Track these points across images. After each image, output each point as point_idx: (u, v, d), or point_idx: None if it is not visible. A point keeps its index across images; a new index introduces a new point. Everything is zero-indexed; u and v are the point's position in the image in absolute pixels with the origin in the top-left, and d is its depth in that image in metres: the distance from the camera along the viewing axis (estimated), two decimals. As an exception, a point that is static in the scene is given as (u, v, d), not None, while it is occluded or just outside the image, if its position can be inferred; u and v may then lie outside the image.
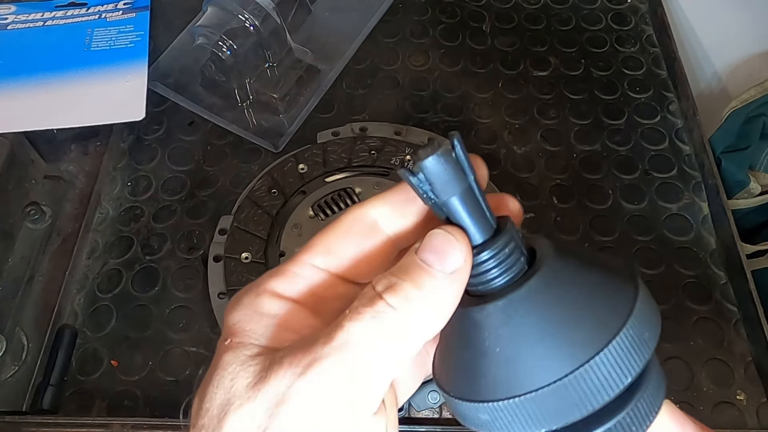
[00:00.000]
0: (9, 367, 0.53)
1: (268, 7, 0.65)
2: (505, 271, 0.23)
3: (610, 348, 0.21)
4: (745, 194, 0.75)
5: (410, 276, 0.22)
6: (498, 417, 0.22)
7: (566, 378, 0.21)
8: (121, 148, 0.68)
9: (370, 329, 0.21)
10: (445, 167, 0.22)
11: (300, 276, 0.24)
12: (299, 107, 0.69)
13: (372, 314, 0.21)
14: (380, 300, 0.21)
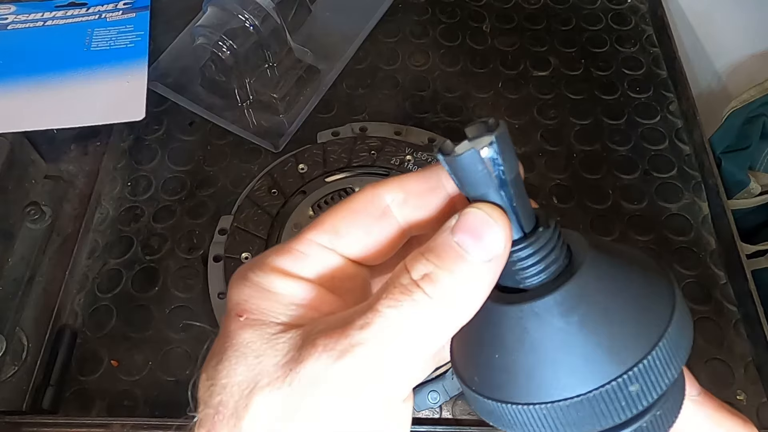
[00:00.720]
0: (9, 367, 0.53)
1: (268, 7, 0.65)
2: (547, 268, 0.22)
3: (653, 354, 0.20)
4: (745, 194, 0.75)
5: (446, 264, 0.21)
6: (541, 418, 0.21)
7: (610, 384, 0.20)
8: (121, 148, 0.68)
9: (407, 317, 0.21)
10: (509, 142, 0.20)
11: (306, 255, 0.24)
12: (299, 107, 0.69)
13: (410, 303, 0.21)
14: (417, 288, 0.21)
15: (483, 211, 0.21)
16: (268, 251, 0.25)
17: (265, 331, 0.22)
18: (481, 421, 0.52)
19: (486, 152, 0.20)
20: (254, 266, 0.24)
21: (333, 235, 0.24)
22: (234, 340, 0.22)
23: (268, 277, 0.24)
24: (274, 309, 0.23)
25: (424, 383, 0.51)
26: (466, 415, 0.53)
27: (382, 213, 0.24)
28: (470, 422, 0.52)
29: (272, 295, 0.23)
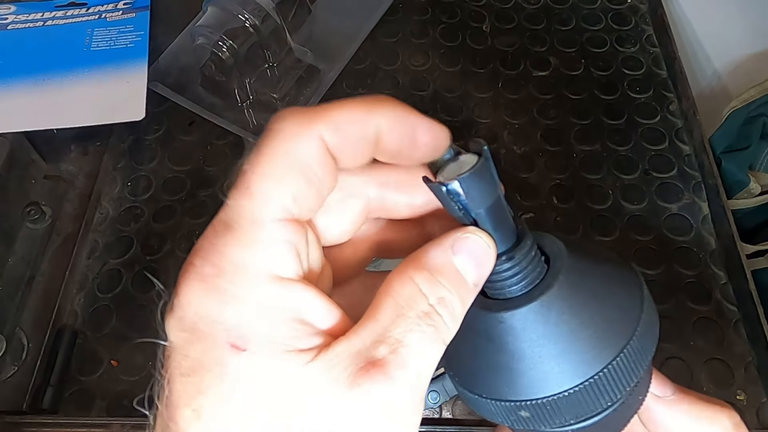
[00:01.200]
0: (9, 367, 0.53)
1: (268, 7, 0.65)
2: (529, 276, 0.23)
3: (628, 347, 0.23)
4: (745, 194, 0.75)
5: (454, 288, 0.21)
6: (538, 413, 0.23)
7: (596, 376, 0.22)
8: (121, 148, 0.68)
9: (433, 349, 0.21)
10: (482, 178, 0.22)
11: (286, 243, 0.20)
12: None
13: (435, 333, 0.21)
14: (438, 317, 0.21)
15: (482, 239, 0.22)
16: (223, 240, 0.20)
17: (282, 365, 0.19)
18: (481, 421, 0.52)
19: (452, 188, 0.21)
20: (224, 270, 0.20)
21: (292, 204, 0.20)
22: (239, 378, 0.19)
23: (263, 289, 0.20)
24: (286, 334, 0.20)
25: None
26: (466, 415, 0.53)
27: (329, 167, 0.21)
28: (470, 422, 0.52)
29: (277, 315, 0.20)
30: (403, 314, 0.20)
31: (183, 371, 0.19)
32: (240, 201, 0.20)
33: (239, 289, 0.19)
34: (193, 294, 0.20)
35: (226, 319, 0.19)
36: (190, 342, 0.19)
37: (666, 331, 0.56)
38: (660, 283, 0.59)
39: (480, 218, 0.22)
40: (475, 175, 0.21)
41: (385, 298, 0.21)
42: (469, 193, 0.21)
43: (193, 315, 0.20)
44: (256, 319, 0.19)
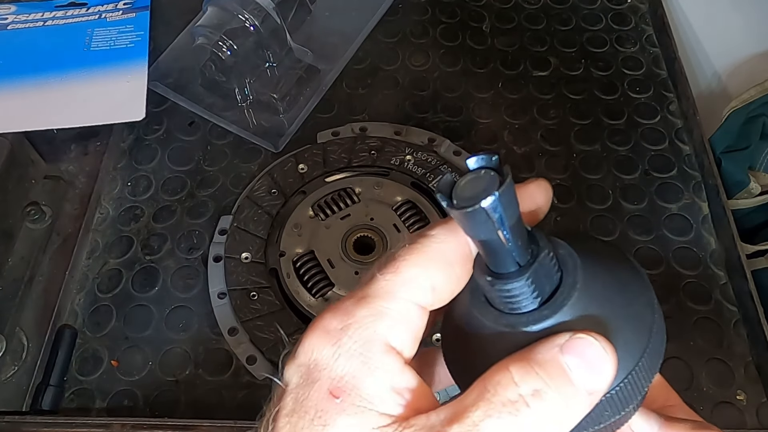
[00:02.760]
0: (9, 367, 0.53)
1: (268, 7, 0.65)
2: (539, 296, 0.23)
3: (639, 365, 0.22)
4: (745, 194, 0.75)
5: (556, 383, 0.20)
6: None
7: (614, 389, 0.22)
8: (121, 148, 0.68)
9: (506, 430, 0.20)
10: (509, 202, 0.21)
11: (407, 322, 0.22)
12: (299, 107, 0.69)
13: (515, 422, 0.20)
14: (524, 405, 0.20)
15: (599, 343, 0.21)
16: (361, 303, 0.22)
17: (366, 422, 0.20)
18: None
19: (490, 206, 0.20)
20: (350, 326, 0.21)
21: (430, 292, 0.22)
22: (328, 424, 0.20)
23: (375, 348, 0.21)
24: (380, 396, 0.21)
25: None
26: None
27: (465, 270, 0.23)
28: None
29: (380, 376, 0.21)
30: (487, 399, 0.20)
31: (288, 411, 0.21)
32: (389, 276, 0.22)
33: (356, 346, 0.21)
34: (315, 343, 0.22)
35: (335, 368, 0.21)
36: (301, 386, 0.21)
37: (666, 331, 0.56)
38: (660, 283, 0.59)
39: (511, 233, 0.21)
40: (508, 186, 0.21)
41: (477, 382, 0.21)
42: (506, 208, 0.21)
43: (311, 363, 0.21)
44: (360, 375, 0.21)
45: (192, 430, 0.50)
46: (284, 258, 0.58)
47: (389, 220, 0.58)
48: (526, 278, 0.22)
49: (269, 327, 0.54)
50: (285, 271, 0.57)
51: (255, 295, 0.56)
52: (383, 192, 0.60)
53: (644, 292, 0.24)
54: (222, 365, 0.55)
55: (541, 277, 0.22)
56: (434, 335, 0.27)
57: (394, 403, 0.21)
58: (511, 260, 0.22)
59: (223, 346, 0.56)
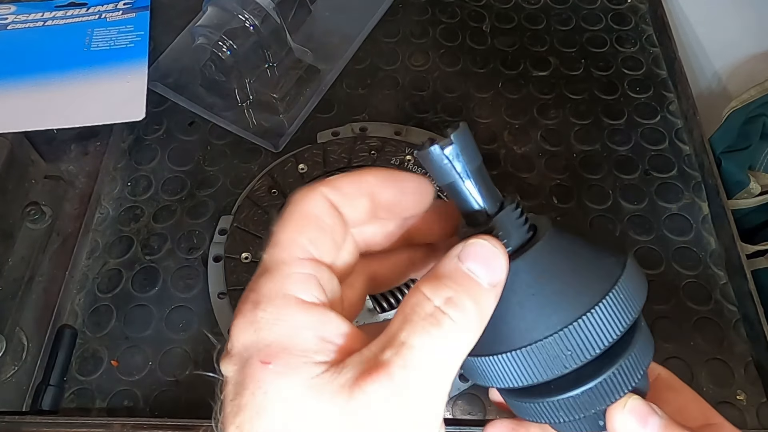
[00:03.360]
0: (9, 367, 0.53)
1: (268, 7, 0.65)
2: (513, 237, 0.25)
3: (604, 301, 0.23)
4: (745, 194, 0.75)
5: (464, 288, 0.23)
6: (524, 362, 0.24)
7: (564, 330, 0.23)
8: (121, 148, 0.68)
9: (440, 348, 0.21)
10: (469, 140, 0.24)
11: (308, 275, 0.23)
12: (299, 107, 0.69)
13: (439, 332, 0.22)
14: (443, 315, 0.22)
15: (489, 243, 0.23)
16: (259, 281, 0.23)
17: (302, 375, 0.21)
18: (480, 420, 0.52)
19: (441, 147, 0.24)
20: (260, 302, 0.23)
21: (313, 248, 0.24)
22: (268, 390, 0.21)
23: (288, 311, 0.22)
24: (309, 348, 0.22)
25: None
26: (466, 415, 0.53)
27: (337, 218, 0.25)
28: (470, 422, 0.52)
29: (303, 332, 0.22)
30: (409, 319, 0.22)
31: (231, 397, 0.22)
32: (271, 251, 0.24)
33: (270, 315, 0.22)
34: (238, 330, 0.23)
35: (259, 340, 0.22)
36: (237, 372, 0.22)
37: (666, 331, 0.56)
38: (660, 283, 0.59)
39: (472, 177, 0.24)
40: (463, 132, 0.24)
41: (397, 311, 0.23)
42: (462, 151, 0.24)
43: (240, 347, 0.22)
44: (283, 336, 0.22)
45: (192, 430, 0.50)
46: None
47: (389, 220, 0.58)
48: (490, 225, 0.25)
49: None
50: (285, 271, 0.57)
51: (255, 295, 0.56)
52: (383, 192, 0.60)
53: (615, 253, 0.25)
54: (222, 365, 0.55)
55: (507, 227, 0.25)
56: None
57: (325, 350, 0.22)
58: (477, 208, 0.25)
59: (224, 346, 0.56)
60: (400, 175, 0.26)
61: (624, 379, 0.25)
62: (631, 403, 0.25)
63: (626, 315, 0.24)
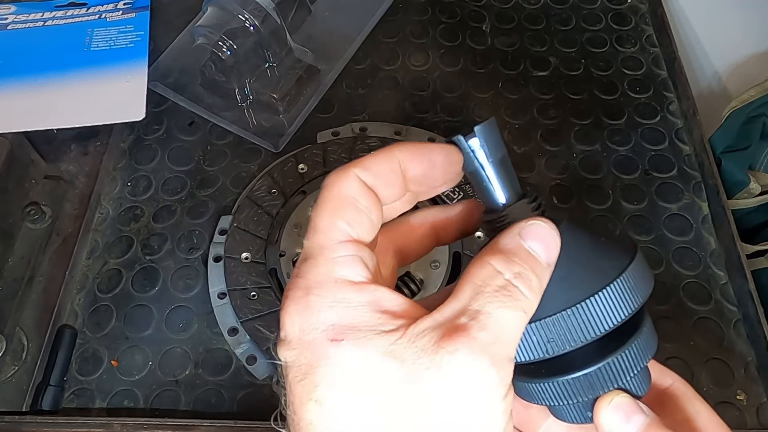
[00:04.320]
0: (9, 367, 0.53)
1: (268, 7, 0.65)
2: None
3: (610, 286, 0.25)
4: (745, 194, 0.75)
5: (531, 265, 0.25)
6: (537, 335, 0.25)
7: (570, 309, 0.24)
8: (121, 148, 0.68)
9: (513, 315, 0.23)
10: (494, 131, 0.26)
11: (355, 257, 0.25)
12: (299, 107, 0.69)
13: (512, 302, 0.24)
14: (514, 288, 0.24)
15: (547, 225, 0.25)
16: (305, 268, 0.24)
17: (377, 344, 0.22)
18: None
19: (467, 138, 0.26)
20: (311, 288, 0.24)
21: (351, 230, 0.25)
22: (345, 363, 0.22)
23: (342, 293, 0.24)
24: (374, 321, 0.23)
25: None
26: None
27: (372, 198, 0.26)
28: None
29: (362, 309, 0.23)
30: (482, 291, 0.24)
31: (299, 377, 0.23)
32: (312, 237, 0.25)
33: (325, 298, 0.23)
34: (292, 317, 0.24)
35: (321, 323, 0.23)
36: (300, 354, 0.23)
37: (666, 331, 0.56)
38: (660, 283, 0.59)
39: (494, 167, 0.26)
40: (488, 125, 0.26)
41: (465, 282, 0.24)
42: (485, 142, 0.26)
43: (298, 332, 0.23)
44: (346, 315, 0.23)
45: (192, 430, 0.50)
46: (284, 258, 0.58)
47: (389, 220, 0.58)
48: (504, 213, 0.26)
49: (269, 327, 0.54)
50: (285, 271, 0.57)
51: (255, 295, 0.56)
52: (383, 192, 0.60)
53: (625, 246, 0.27)
54: (222, 365, 0.55)
55: (520, 217, 0.26)
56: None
57: (390, 322, 0.23)
58: (495, 197, 0.27)
59: (223, 346, 0.56)
60: (428, 148, 0.27)
61: (619, 371, 0.25)
62: (618, 399, 0.26)
63: (631, 301, 0.25)
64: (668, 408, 0.29)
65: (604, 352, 0.25)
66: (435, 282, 0.54)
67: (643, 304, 0.26)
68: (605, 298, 0.25)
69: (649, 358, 0.27)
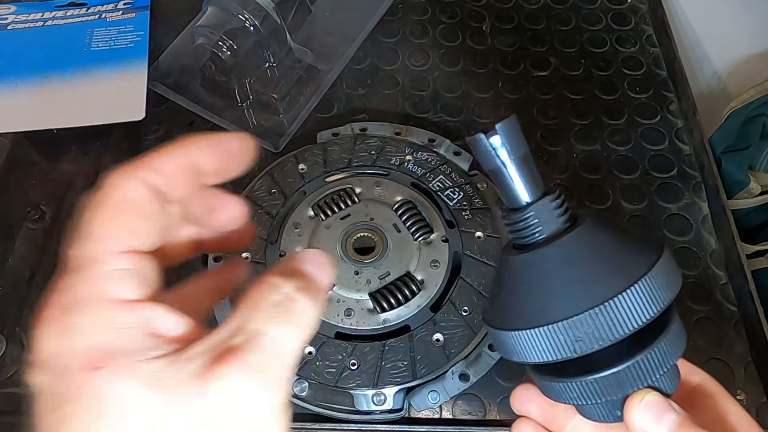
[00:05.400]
0: (9, 367, 0.53)
1: (268, 7, 0.65)
2: (551, 225, 0.27)
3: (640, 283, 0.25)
4: (745, 194, 0.75)
5: (308, 283, 0.24)
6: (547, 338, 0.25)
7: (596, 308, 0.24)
8: (121, 148, 0.68)
9: (292, 335, 0.23)
10: (515, 129, 0.27)
11: (129, 271, 0.23)
12: (299, 107, 0.69)
13: (290, 319, 0.23)
14: (292, 303, 0.23)
15: (320, 252, 0.26)
16: (69, 282, 0.22)
17: (142, 372, 0.20)
18: (480, 420, 0.52)
19: (488, 135, 0.26)
20: (72, 307, 0.21)
21: (133, 239, 0.23)
22: (104, 394, 0.20)
23: (109, 314, 0.21)
24: (142, 346, 0.21)
25: (424, 383, 0.51)
26: (466, 415, 0.53)
27: (160, 202, 0.24)
28: (470, 422, 0.52)
29: (129, 332, 0.21)
30: (258, 308, 0.22)
31: (53, 408, 0.20)
32: (81, 245, 0.22)
33: (87, 319, 0.21)
34: (45, 338, 0.21)
35: (78, 349, 0.20)
36: (52, 382, 0.20)
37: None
38: (660, 283, 0.59)
39: (516, 165, 0.26)
40: (509, 123, 0.26)
41: (243, 300, 0.23)
42: (506, 140, 0.26)
43: (50, 357, 0.21)
44: (111, 339, 0.21)
45: None
46: (284, 258, 0.58)
47: (389, 220, 0.58)
48: (527, 212, 0.27)
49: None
50: (285, 271, 0.57)
51: (255, 295, 0.56)
52: (383, 192, 0.60)
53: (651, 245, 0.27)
54: (222, 365, 0.55)
55: (543, 215, 0.27)
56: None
57: (160, 346, 0.21)
58: (517, 195, 0.27)
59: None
60: (221, 138, 0.26)
61: (648, 369, 0.25)
62: (648, 397, 0.25)
63: (659, 299, 0.25)
64: (698, 406, 0.28)
65: (632, 351, 0.25)
66: (435, 282, 0.54)
67: (672, 301, 0.26)
68: (634, 296, 0.24)
69: (678, 355, 0.26)
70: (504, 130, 0.26)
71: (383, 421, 0.51)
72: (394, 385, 0.50)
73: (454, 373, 0.51)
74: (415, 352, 0.51)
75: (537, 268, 0.26)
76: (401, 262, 0.55)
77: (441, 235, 0.57)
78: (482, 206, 0.58)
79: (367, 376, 0.50)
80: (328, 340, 0.52)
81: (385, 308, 0.53)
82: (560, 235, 0.26)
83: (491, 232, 0.57)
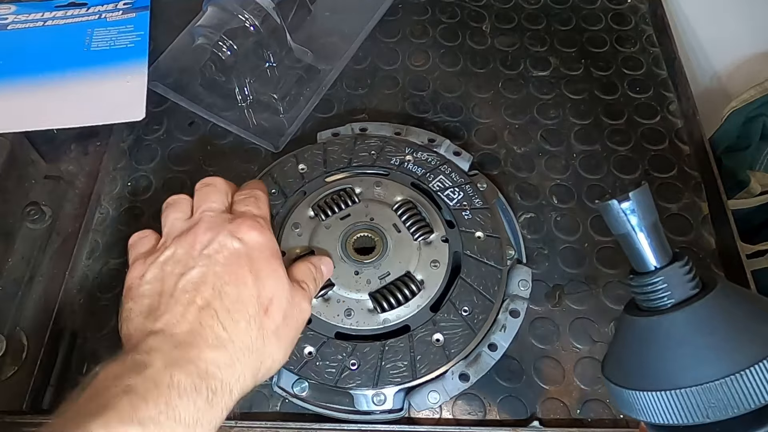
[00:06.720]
0: (9, 367, 0.53)
1: (268, 7, 0.65)
2: (679, 291, 0.27)
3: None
4: (745, 194, 0.75)
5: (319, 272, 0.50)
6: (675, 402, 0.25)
7: (739, 373, 0.24)
8: (121, 148, 0.68)
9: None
10: (647, 197, 0.28)
11: None
12: (299, 107, 0.69)
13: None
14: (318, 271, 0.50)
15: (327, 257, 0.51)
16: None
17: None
18: (480, 420, 0.52)
19: (618, 202, 0.28)
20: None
21: None
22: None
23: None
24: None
25: (424, 383, 0.51)
26: (466, 415, 0.53)
27: None
28: (470, 422, 0.52)
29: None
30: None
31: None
32: None
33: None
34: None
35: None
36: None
37: None
38: (660, 283, 0.59)
39: (646, 231, 0.28)
40: (642, 191, 0.28)
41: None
42: (638, 207, 0.27)
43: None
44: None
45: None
46: (284, 258, 0.58)
47: (389, 220, 0.58)
48: (657, 277, 0.27)
49: (269, 327, 0.54)
50: (285, 271, 0.57)
51: (255, 295, 0.56)
52: (383, 192, 0.60)
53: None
54: (222, 365, 0.55)
55: (673, 281, 0.27)
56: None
57: None
58: (647, 260, 0.28)
59: None
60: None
61: None
62: None
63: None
64: None
65: (763, 420, 0.25)
66: (435, 282, 0.54)
67: None
68: (759, 373, 0.24)
69: None
70: (636, 197, 0.28)
71: (383, 421, 0.51)
72: (394, 385, 0.50)
73: (454, 373, 0.51)
74: (415, 352, 0.51)
75: (666, 332, 0.26)
76: (401, 262, 0.55)
77: (441, 235, 0.57)
78: (482, 206, 0.58)
79: (367, 376, 0.50)
80: (328, 340, 0.52)
81: (385, 308, 0.53)
82: (691, 301, 0.27)
83: (491, 232, 0.57)
